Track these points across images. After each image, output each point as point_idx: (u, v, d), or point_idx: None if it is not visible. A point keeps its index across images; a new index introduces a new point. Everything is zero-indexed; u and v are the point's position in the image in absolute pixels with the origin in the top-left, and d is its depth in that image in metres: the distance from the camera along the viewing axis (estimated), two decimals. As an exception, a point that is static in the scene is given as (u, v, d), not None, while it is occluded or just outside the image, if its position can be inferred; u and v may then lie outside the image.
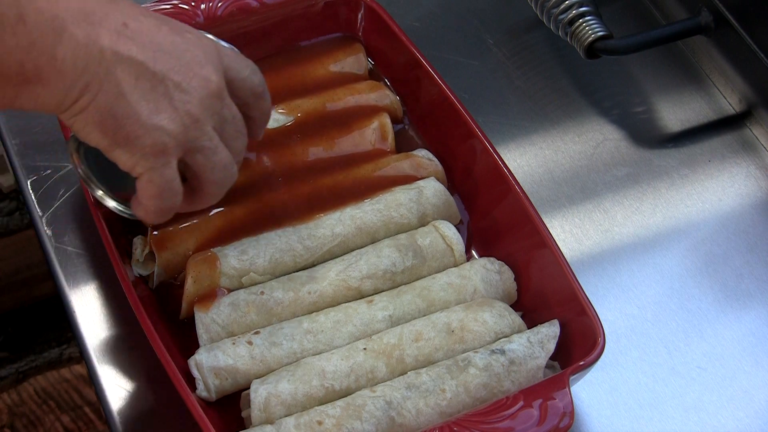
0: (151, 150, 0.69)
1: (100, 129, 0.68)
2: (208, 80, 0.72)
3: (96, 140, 0.69)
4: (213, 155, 0.73)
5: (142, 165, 0.70)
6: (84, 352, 0.84)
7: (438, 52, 1.03)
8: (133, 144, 0.69)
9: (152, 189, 0.71)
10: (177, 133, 0.70)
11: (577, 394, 0.82)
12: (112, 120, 0.68)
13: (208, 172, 0.74)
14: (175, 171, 0.72)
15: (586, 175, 0.98)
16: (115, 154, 0.70)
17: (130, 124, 0.68)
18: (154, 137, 0.69)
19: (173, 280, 0.84)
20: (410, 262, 0.84)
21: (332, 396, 0.77)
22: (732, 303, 0.90)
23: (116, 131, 0.68)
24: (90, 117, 0.68)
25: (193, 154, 0.72)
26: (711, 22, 1.00)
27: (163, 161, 0.70)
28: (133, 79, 0.68)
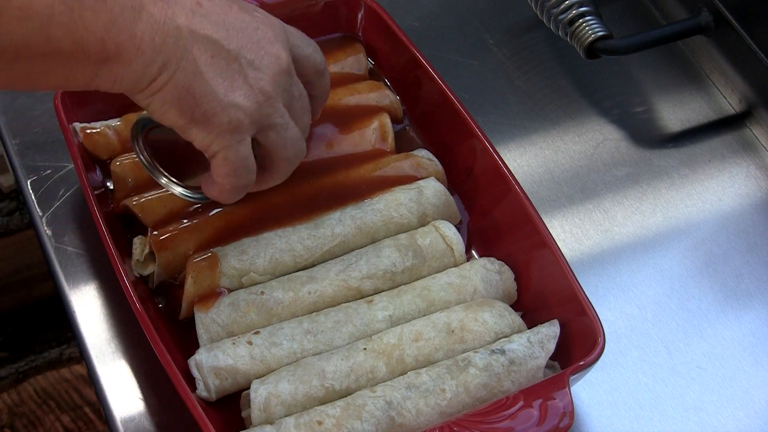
0: (227, 127, 0.70)
1: (177, 107, 0.69)
2: (279, 57, 0.73)
3: (173, 119, 0.70)
4: (285, 131, 0.74)
5: (219, 143, 0.71)
6: (84, 352, 0.84)
7: (438, 52, 1.03)
8: (210, 122, 0.70)
9: (228, 167, 0.72)
10: (252, 110, 0.71)
11: (577, 394, 0.82)
12: (190, 98, 0.68)
13: (281, 148, 0.75)
14: (249, 148, 0.73)
15: (586, 175, 0.98)
16: (191, 132, 0.71)
17: (208, 102, 0.69)
18: (231, 114, 0.70)
19: (173, 280, 0.84)
20: (410, 262, 0.84)
21: (332, 396, 0.77)
22: (732, 303, 0.90)
23: (194, 109, 0.69)
24: (168, 95, 0.68)
25: (267, 131, 0.73)
26: (711, 22, 1.00)
27: (239, 138, 0.71)
28: (209, 56, 0.69)
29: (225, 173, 0.73)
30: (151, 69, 0.67)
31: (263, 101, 0.72)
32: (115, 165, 0.88)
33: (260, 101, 0.71)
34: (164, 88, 0.68)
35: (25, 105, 0.98)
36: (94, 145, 0.89)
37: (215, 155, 0.72)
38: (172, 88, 0.68)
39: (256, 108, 0.71)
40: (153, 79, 0.68)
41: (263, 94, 0.72)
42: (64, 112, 0.87)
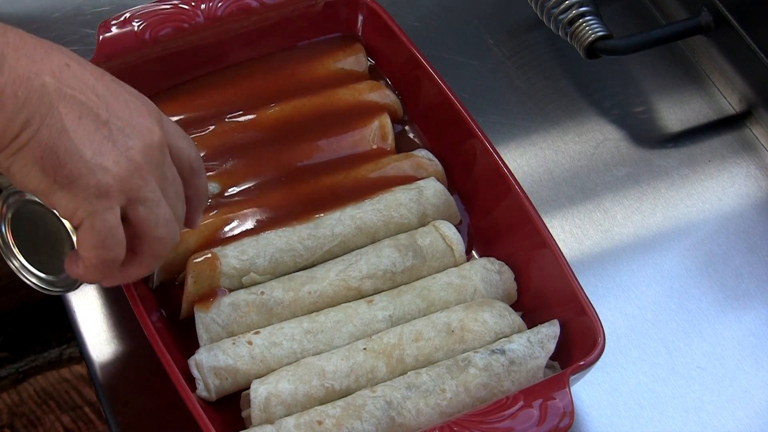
0: (94, 191, 0.66)
1: (40, 167, 0.65)
2: (152, 131, 0.69)
3: (35, 181, 0.65)
4: (156, 208, 0.69)
5: (84, 208, 0.66)
6: (84, 352, 0.84)
7: (438, 52, 1.03)
8: (75, 184, 0.65)
9: (95, 237, 0.67)
10: (121, 176, 0.66)
11: (577, 394, 0.82)
12: (53, 157, 0.64)
13: (152, 227, 0.69)
14: (118, 218, 0.67)
15: (586, 175, 0.98)
16: (55, 197, 0.66)
17: (73, 162, 0.65)
18: (98, 177, 0.65)
19: (173, 280, 0.84)
20: (410, 262, 0.84)
21: (332, 396, 0.77)
22: (732, 303, 0.90)
23: (57, 169, 0.65)
24: (30, 154, 0.64)
25: (136, 205, 0.68)
26: (711, 22, 1.00)
27: (106, 205, 0.66)
28: (76, 117, 0.65)
29: (92, 244, 0.67)
30: (13, 125, 0.63)
31: (133, 170, 0.67)
32: (115, 165, 0.88)
33: (130, 169, 0.67)
34: (27, 146, 0.64)
35: (25, 105, 0.98)
36: (94, 145, 0.89)
37: (81, 223, 0.67)
38: (35, 146, 0.64)
39: (125, 175, 0.67)
40: (15, 135, 0.64)
41: (133, 163, 0.67)
42: (64, 112, 0.87)
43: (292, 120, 0.92)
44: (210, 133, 0.90)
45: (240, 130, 0.91)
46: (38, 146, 0.64)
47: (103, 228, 0.67)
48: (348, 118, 0.92)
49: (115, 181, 0.66)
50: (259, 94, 0.94)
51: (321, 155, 0.90)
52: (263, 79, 0.95)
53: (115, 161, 0.66)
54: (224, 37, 0.94)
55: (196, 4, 0.92)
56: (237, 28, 0.94)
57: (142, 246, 0.71)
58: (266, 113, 0.92)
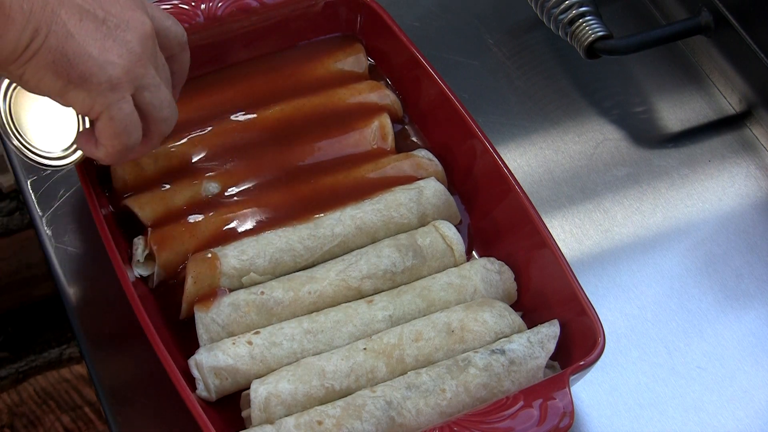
0: (107, 85, 0.71)
1: (53, 71, 0.69)
2: (144, 22, 0.74)
3: (50, 84, 0.70)
4: (158, 92, 0.75)
5: (101, 102, 0.71)
6: (84, 352, 0.84)
7: (438, 52, 1.03)
8: (88, 81, 0.70)
9: (114, 126, 0.73)
10: (127, 68, 0.72)
11: (577, 394, 0.82)
12: (64, 60, 0.69)
13: (157, 109, 0.75)
14: (132, 105, 0.73)
15: (586, 175, 0.98)
16: (70, 96, 0.71)
17: (83, 62, 0.70)
18: (108, 72, 0.71)
19: (173, 280, 0.84)
20: (410, 262, 0.84)
21: (332, 396, 0.77)
22: (732, 303, 0.90)
23: (70, 71, 0.69)
24: (42, 60, 0.69)
25: (142, 91, 0.73)
26: (711, 22, 1.00)
27: (120, 96, 0.72)
28: (77, 20, 0.69)
29: (112, 134, 0.74)
30: (23, 35, 0.67)
31: (135, 60, 0.72)
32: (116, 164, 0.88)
33: (132, 60, 0.72)
34: (38, 53, 0.68)
35: (25, 105, 0.98)
36: (94, 145, 0.89)
37: (99, 116, 0.73)
38: (45, 52, 0.68)
39: (130, 66, 0.72)
40: (26, 45, 0.68)
41: (134, 55, 0.72)
42: (64, 112, 0.87)
43: (292, 120, 0.92)
44: (210, 133, 0.90)
45: (240, 130, 0.91)
46: (49, 52, 0.69)
47: (122, 117, 0.73)
48: (348, 118, 0.92)
49: (122, 73, 0.71)
50: (259, 94, 0.94)
51: (321, 155, 0.90)
52: (263, 79, 0.95)
53: (119, 55, 0.71)
54: (224, 37, 0.94)
55: (196, 4, 0.92)
56: (237, 28, 0.94)
57: (149, 128, 0.77)
58: (266, 113, 0.92)
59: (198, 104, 0.92)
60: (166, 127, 0.78)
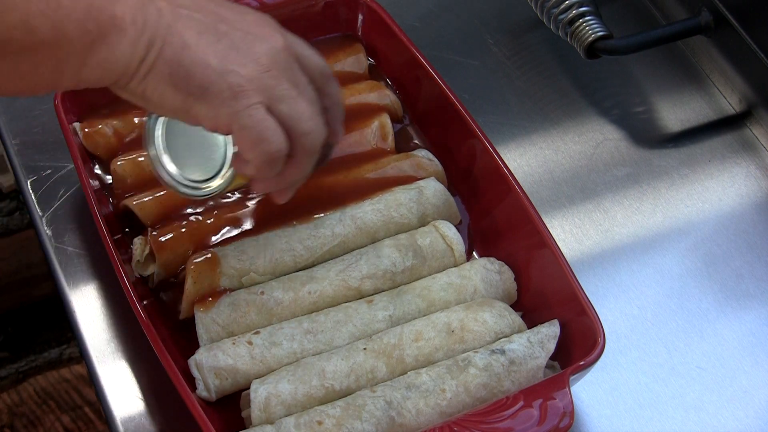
0: (228, 93, 0.67)
1: (172, 84, 0.67)
2: (273, 36, 0.70)
3: (171, 99, 0.67)
4: (296, 104, 0.70)
5: (224, 113, 0.68)
6: (84, 352, 0.84)
7: (438, 52, 1.03)
8: (209, 92, 0.67)
9: (247, 134, 0.69)
10: (251, 77, 0.68)
11: (577, 394, 0.82)
12: (182, 70, 0.66)
13: (297, 121, 0.70)
14: (264, 112, 0.68)
15: (586, 175, 0.98)
16: (194, 111, 0.68)
17: (201, 71, 0.67)
18: (229, 80, 0.67)
19: (173, 279, 0.84)
20: (410, 262, 0.84)
21: (332, 396, 0.77)
22: (732, 303, 0.90)
23: (188, 81, 0.67)
24: (159, 73, 0.66)
25: (275, 103, 0.69)
26: (711, 22, 1.00)
27: (245, 103, 0.68)
28: (195, 33, 0.67)
29: (250, 144, 0.69)
30: (137, 48, 0.65)
31: (262, 71, 0.68)
32: (115, 164, 0.88)
33: (259, 70, 0.68)
34: (154, 66, 0.66)
35: (25, 105, 0.98)
36: (93, 144, 0.89)
37: (230, 129, 0.69)
38: (162, 64, 0.66)
39: (255, 75, 0.68)
40: (141, 58, 0.66)
41: (261, 65, 0.68)
42: (64, 112, 0.88)
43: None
44: (210, 133, 0.90)
45: (240, 130, 0.91)
46: (165, 64, 0.66)
47: (253, 122, 0.68)
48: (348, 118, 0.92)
49: (246, 81, 0.68)
50: (259, 94, 0.93)
51: (321, 155, 0.90)
52: (263, 79, 0.95)
53: (242, 65, 0.68)
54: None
55: (196, 4, 0.92)
56: (237, 28, 0.94)
57: (294, 145, 0.71)
58: (266, 113, 0.92)
59: (198, 104, 0.92)
60: (311, 143, 0.72)
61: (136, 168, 0.88)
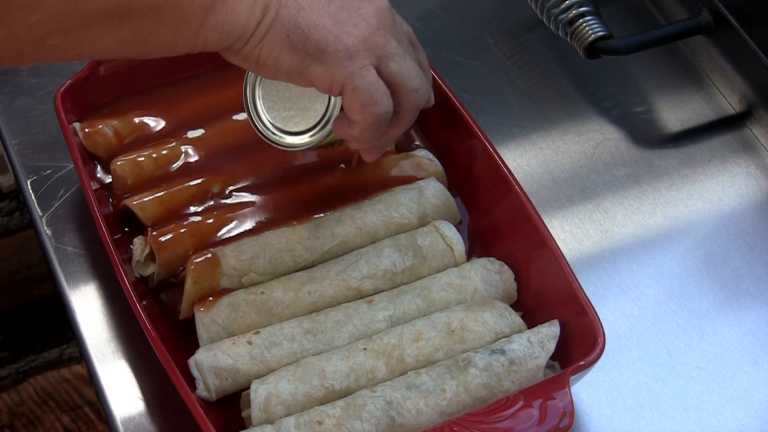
0: (344, 54, 0.70)
1: (289, 46, 0.69)
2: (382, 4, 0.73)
3: (288, 61, 0.70)
4: (404, 61, 0.73)
5: (341, 72, 0.70)
6: (84, 352, 0.84)
7: (438, 52, 1.03)
8: (325, 52, 0.69)
9: (359, 96, 0.71)
10: (363, 36, 0.71)
11: (577, 394, 0.82)
12: (299, 32, 0.69)
13: (406, 78, 0.73)
14: (375, 74, 0.71)
15: (586, 175, 0.98)
16: (310, 71, 0.70)
17: (318, 32, 0.69)
18: (344, 41, 0.70)
19: (173, 279, 0.84)
20: (410, 262, 0.84)
21: (332, 396, 0.77)
22: (732, 303, 0.90)
23: (305, 43, 0.69)
24: (276, 35, 0.68)
25: (386, 61, 0.72)
26: (711, 22, 1.00)
27: (360, 64, 0.70)
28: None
29: (361, 104, 0.72)
30: (255, 10, 0.67)
31: (373, 30, 0.71)
32: (116, 164, 0.88)
33: (370, 30, 0.71)
34: (271, 29, 0.68)
35: (25, 105, 0.98)
36: (94, 144, 0.89)
37: (343, 89, 0.71)
38: (278, 26, 0.68)
39: (367, 35, 0.71)
40: (259, 20, 0.68)
41: (371, 24, 0.71)
42: (64, 112, 0.87)
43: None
44: (210, 133, 0.91)
45: (240, 130, 0.91)
46: (282, 26, 0.68)
47: (366, 84, 0.71)
48: (348, 118, 0.92)
49: (359, 41, 0.70)
50: (259, 94, 0.94)
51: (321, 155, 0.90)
52: (263, 79, 0.95)
53: (354, 25, 0.71)
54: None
55: (196, 4, 0.92)
56: (237, 28, 0.94)
57: (400, 101, 0.75)
58: (266, 113, 0.92)
59: (199, 104, 0.92)
60: (418, 99, 0.76)
61: (136, 168, 0.88)
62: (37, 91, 0.99)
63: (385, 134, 0.76)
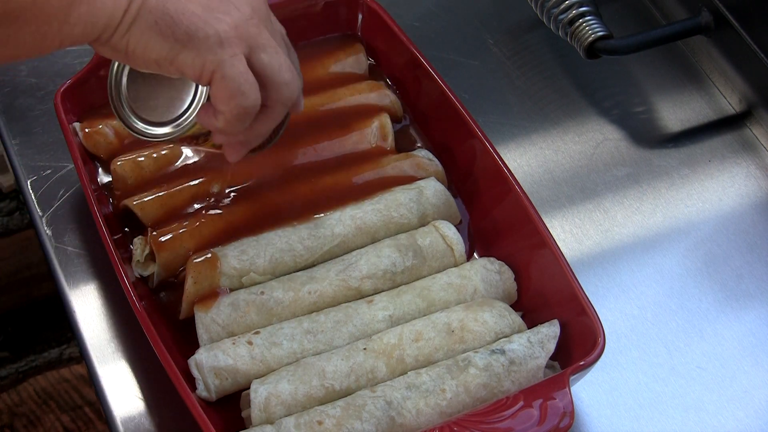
0: (215, 40, 0.67)
1: (158, 32, 0.66)
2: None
3: (157, 49, 0.67)
4: (276, 53, 0.71)
5: (211, 60, 0.68)
6: (84, 352, 0.84)
7: (438, 52, 1.03)
8: (195, 38, 0.67)
9: (228, 86, 0.69)
10: (235, 23, 0.68)
11: (577, 394, 0.82)
12: (167, 18, 0.66)
13: (276, 71, 0.71)
14: (245, 64, 0.69)
15: (586, 175, 0.98)
16: (180, 59, 0.68)
17: (187, 18, 0.66)
18: (215, 26, 0.67)
19: (173, 278, 0.84)
20: (410, 262, 0.84)
21: (332, 396, 0.77)
22: (732, 303, 0.90)
23: (174, 28, 0.66)
24: (144, 22, 0.66)
25: (257, 52, 0.70)
26: (711, 22, 1.00)
27: (230, 52, 0.68)
28: None
29: (228, 94, 0.69)
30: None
31: (246, 18, 0.69)
32: (116, 164, 0.88)
33: (243, 18, 0.69)
34: (139, 16, 0.65)
35: (25, 105, 0.98)
36: (93, 144, 0.89)
37: (212, 77, 0.68)
38: (146, 13, 0.65)
39: (239, 23, 0.68)
40: (125, 9, 0.65)
41: (243, 13, 0.69)
42: (64, 112, 0.87)
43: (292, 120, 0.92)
44: (210, 133, 0.90)
45: (240, 130, 0.91)
46: (149, 13, 0.66)
47: (235, 74, 0.68)
48: (348, 118, 0.92)
49: (231, 28, 0.68)
50: (259, 94, 0.93)
51: (321, 155, 0.90)
52: (263, 79, 0.95)
53: (225, 12, 0.68)
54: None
55: (196, 4, 0.92)
56: (237, 28, 0.94)
57: (269, 94, 0.72)
58: (266, 113, 0.92)
59: (198, 104, 0.92)
60: (288, 93, 0.73)
61: (136, 168, 0.88)
62: (37, 91, 0.99)
63: (251, 128, 0.73)
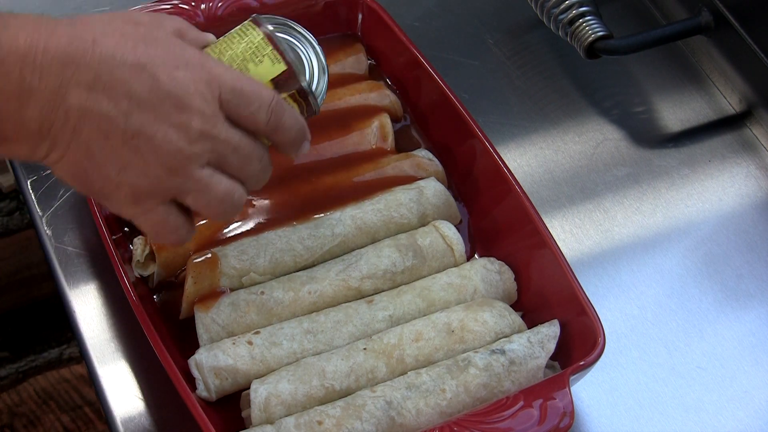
0: (126, 200, 0.68)
1: (75, 182, 0.68)
2: (188, 127, 0.67)
3: (77, 188, 0.70)
4: (203, 195, 0.70)
5: (126, 213, 0.70)
6: (84, 352, 0.84)
7: (438, 52, 1.03)
8: (108, 198, 0.69)
9: (147, 229, 0.72)
10: (151, 186, 0.68)
11: (577, 394, 0.82)
12: (83, 176, 0.67)
13: (205, 210, 0.71)
14: (163, 213, 0.70)
15: (586, 175, 0.98)
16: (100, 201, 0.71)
17: (100, 182, 0.67)
18: (126, 191, 0.67)
19: (174, 278, 0.84)
20: (410, 262, 0.84)
21: (332, 396, 0.77)
22: (732, 303, 0.90)
23: (89, 187, 0.68)
24: (64, 170, 0.67)
25: (183, 197, 0.70)
26: (711, 22, 1.00)
27: (144, 208, 0.69)
28: (102, 138, 0.65)
29: (149, 234, 0.73)
30: (39, 150, 0.66)
31: (166, 175, 0.67)
32: (115, 165, 0.88)
33: (161, 176, 0.67)
34: (58, 165, 0.67)
35: (25, 105, 0.98)
36: (94, 145, 0.89)
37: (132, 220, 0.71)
38: (65, 165, 0.67)
39: (156, 183, 0.67)
40: (44, 156, 0.66)
41: (165, 169, 0.67)
42: (64, 112, 0.87)
43: (292, 120, 0.92)
44: (210, 133, 0.90)
45: (240, 130, 0.91)
46: (68, 165, 0.67)
47: (149, 226, 0.71)
48: (348, 118, 0.92)
49: (145, 191, 0.68)
50: (259, 94, 0.93)
51: (321, 155, 0.90)
52: (263, 79, 0.95)
53: (143, 173, 0.67)
54: (224, 37, 0.94)
55: (196, 4, 0.92)
56: (237, 28, 0.94)
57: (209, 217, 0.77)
58: (266, 113, 0.92)
59: (198, 104, 0.92)
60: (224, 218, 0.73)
61: (136, 168, 0.87)
62: (37, 91, 0.99)
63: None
